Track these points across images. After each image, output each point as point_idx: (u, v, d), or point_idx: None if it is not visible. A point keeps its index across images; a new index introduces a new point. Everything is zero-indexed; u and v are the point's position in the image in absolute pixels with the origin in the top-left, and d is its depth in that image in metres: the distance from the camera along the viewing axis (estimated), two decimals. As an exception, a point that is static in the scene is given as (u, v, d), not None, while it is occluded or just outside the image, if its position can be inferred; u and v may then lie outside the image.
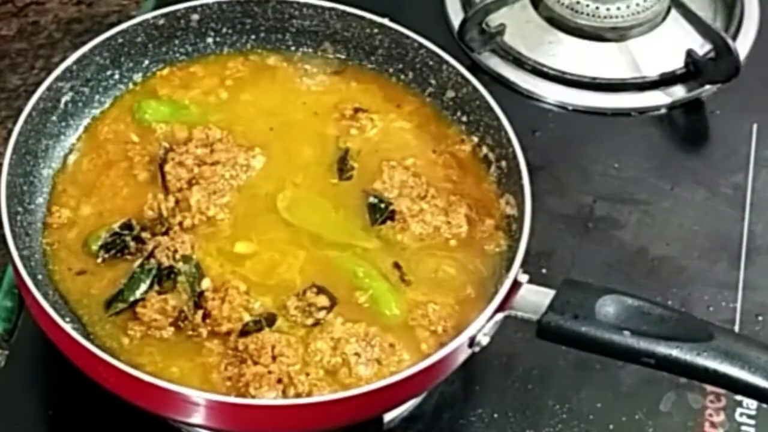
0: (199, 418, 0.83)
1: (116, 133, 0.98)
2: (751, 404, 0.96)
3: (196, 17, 1.01)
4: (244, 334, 0.87)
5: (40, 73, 1.21)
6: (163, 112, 0.99)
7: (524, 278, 0.88)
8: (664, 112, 1.16)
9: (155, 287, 0.89)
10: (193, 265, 0.90)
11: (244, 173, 0.95)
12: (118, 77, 1.00)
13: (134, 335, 0.87)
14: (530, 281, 0.88)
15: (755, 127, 1.14)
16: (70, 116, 0.97)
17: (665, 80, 1.16)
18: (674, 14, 1.19)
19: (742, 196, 1.09)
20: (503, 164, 0.95)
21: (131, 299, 0.89)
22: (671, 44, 1.18)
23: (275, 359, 0.86)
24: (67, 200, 0.94)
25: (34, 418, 0.95)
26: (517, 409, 0.96)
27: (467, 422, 0.95)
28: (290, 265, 0.91)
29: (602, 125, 1.15)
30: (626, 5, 1.18)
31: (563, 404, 0.96)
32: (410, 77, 1.02)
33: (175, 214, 0.92)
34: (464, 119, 0.99)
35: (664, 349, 0.83)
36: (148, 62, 1.01)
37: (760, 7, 1.22)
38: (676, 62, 1.16)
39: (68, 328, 0.83)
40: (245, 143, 0.97)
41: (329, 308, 0.89)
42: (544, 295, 0.87)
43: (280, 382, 0.85)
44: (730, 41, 1.13)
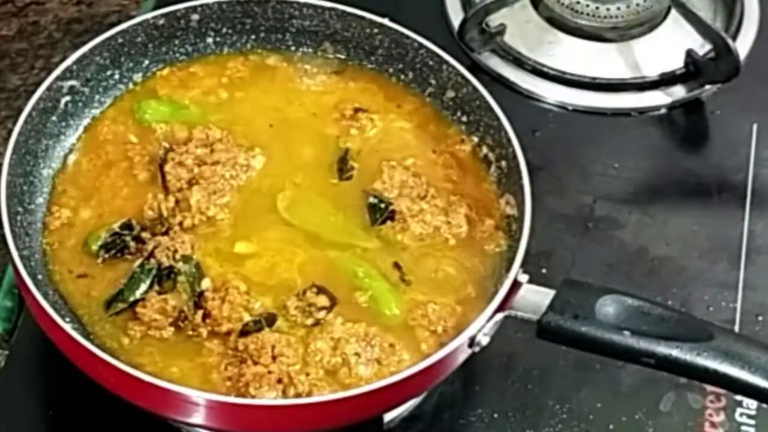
0: (199, 418, 0.83)
1: (116, 133, 0.98)
2: (751, 404, 0.96)
3: (196, 17, 1.01)
4: (244, 334, 0.87)
5: (40, 73, 1.21)
6: (163, 112, 0.99)
7: (524, 278, 0.88)
8: (664, 112, 1.16)
9: (155, 287, 0.89)
10: (193, 265, 0.90)
11: (244, 173, 0.95)
12: (118, 77, 1.00)
13: (134, 335, 0.87)
14: (530, 281, 0.88)
15: (755, 127, 1.14)
16: (70, 116, 0.97)
17: (665, 80, 1.16)
18: (674, 14, 1.19)
19: (742, 196, 1.09)
20: (503, 164, 0.95)
21: (131, 299, 0.89)
22: (671, 44, 1.18)
23: (275, 359, 0.86)
24: (67, 200, 0.94)
25: (34, 418, 0.95)
26: (517, 409, 0.96)
27: (467, 422, 0.95)
28: (290, 265, 0.91)
29: (602, 125, 1.15)
30: (626, 5, 1.18)
31: (563, 404, 0.96)
32: (410, 77, 1.02)
33: (175, 214, 0.92)
34: (464, 119, 0.99)
35: (664, 349, 0.83)
36: (148, 62, 1.01)
37: (760, 7, 1.22)
38: (676, 62, 1.16)
39: (68, 328, 0.83)
40: (245, 143, 0.97)
41: (329, 308, 0.89)
42: (544, 295, 0.87)
43: (280, 382, 0.85)
44: (730, 41, 1.13)
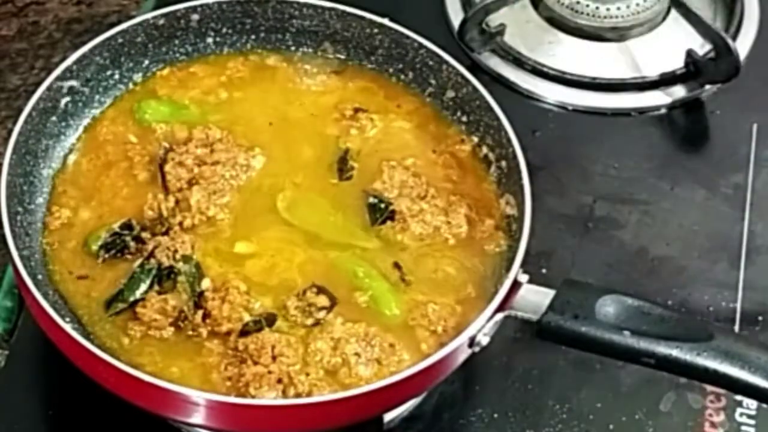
0: (199, 418, 0.83)
1: (116, 133, 0.98)
2: (751, 404, 0.96)
3: (196, 17, 1.01)
4: (244, 334, 0.87)
5: (40, 73, 1.21)
6: (163, 112, 0.99)
7: (524, 278, 0.88)
8: (664, 112, 1.16)
9: (155, 287, 0.89)
10: (193, 265, 0.90)
11: (244, 173, 0.95)
12: (118, 77, 1.00)
13: (134, 335, 0.87)
14: (530, 281, 0.88)
15: (755, 127, 1.14)
16: (70, 116, 0.97)
17: (665, 80, 1.16)
18: (674, 14, 1.19)
19: (742, 196, 1.09)
20: (503, 164, 0.95)
21: (131, 299, 0.89)
22: (671, 44, 1.18)
23: (275, 359, 0.86)
24: (67, 200, 0.94)
25: (34, 418, 0.95)
26: (517, 409, 0.96)
27: (467, 422, 0.95)
28: (290, 265, 0.91)
29: (602, 125, 1.15)
30: (626, 5, 1.18)
31: (563, 404, 0.96)
32: (410, 77, 1.02)
33: (175, 214, 0.92)
34: (464, 119, 0.99)
35: (664, 349, 0.83)
36: (148, 62, 1.01)
37: (760, 7, 1.22)
38: (676, 62, 1.16)
39: (68, 328, 0.83)
40: (245, 143, 0.97)
41: (329, 308, 0.89)
42: (544, 295, 0.87)
43: (280, 382, 0.85)
44: (730, 41, 1.13)
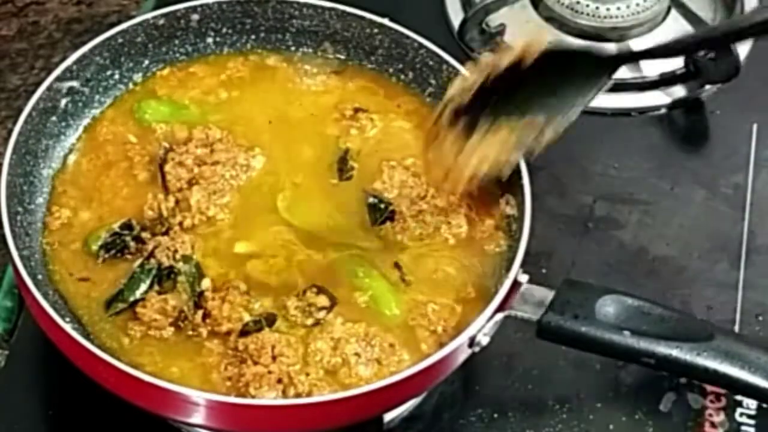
0: (199, 418, 0.83)
1: (116, 133, 0.98)
2: (751, 404, 0.96)
3: (196, 17, 1.01)
4: (244, 334, 0.87)
5: (40, 73, 1.21)
6: (163, 112, 0.99)
7: (524, 278, 0.88)
8: (664, 112, 1.16)
9: (155, 287, 0.89)
10: (193, 265, 0.90)
11: (244, 173, 0.95)
12: (118, 77, 1.00)
13: (134, 335, 0.87)
14: (530, 281, 0.88)
15: (755, 127, 1.14)
16: (70, 116, 0.97)
17: (665, 80, 1.16)
18: (674, 14, 1.19)
19: (742, 196, 1.09)
20: (503, 164, 0.95)
21: (131, 299, 0.89)
22: (671, 44, 1.18)
23: (275, 359, 0.86)
24: (67, 200, 0.94)
25: (34, 418, 0.95)
26: (517, 409, 0.96)
27: (467, 422, 0.95)
28: (290, 265, 0.91)
29: (602, 125, 1.14)
30: (626, 5, 1.18)
31: (563, 404, 0.96)
32: (410, 77, 1.02)
33: (175, 214, 0.92)
34: (464, 119, 0.99)
35: (664, 349, 0.83)
36: (148, 62, 1.01)
37: (760, 7, 1.22)
38: (676, 62, 1.16)
39: (68, 328, 0.83)
40: (245, 143, 0.97)
41: (329, 308, 0.89)
42: (544, 295, 0.87)
43: (280, 382, 0.85)
44: (730, 41, 1.13)
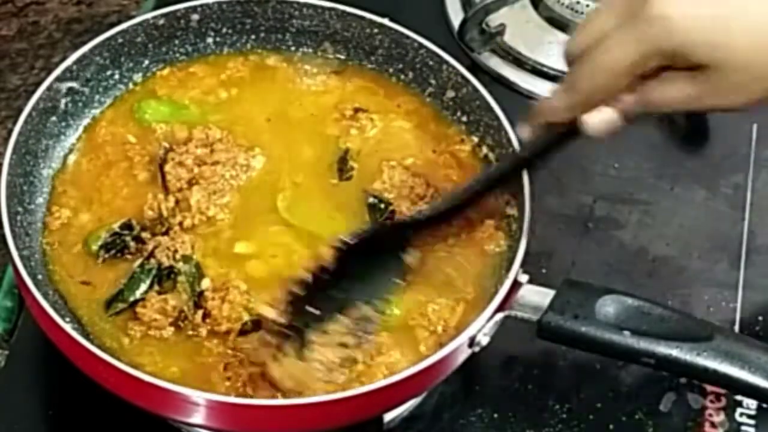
0: (199, 418, 0.83)
1: (116, 133, 0.98)
2: (751, 404, 0.96)
3: (196, 17, 1.01)
4: (243, 333, 0.87)
5: (40, 73, 1.20)
6: (163, 112, 0.99)
7: (524, 278, 0.88)
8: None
9: (155, 287, 0.89)
10: (193, 265, 0.90)
11: (244, 173, 0.95)
12: (118, 77, 1.00)
13: (134, 335, 0.87)
14: (530, 281, 0.88)
15: (755, 127, 1.14)
16: (70, 116, 0.97)
17: (665, 80, 1.16)
18: (674, 14, 1.19)
19: (742, 196, 1.09)
20: (503, 164, 0.95)
21: (131, 299, 0.88)
22: (671, 44, 1.18)
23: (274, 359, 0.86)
24: (67, 200, 0.94)
25: (34, 418, 0.95)
26: (517, 409, 0.96)
27: (467, 422, 0.95)
28: (290, 264, 0.91)
29: (602, 125, 1.14)
30: (626, 5, 1.18)
31: (563, 404, 0.96)
32: (410, 77, 1.02)
33: (175, 214, 0.92)
34: (464, 119, 0.99)
35: (664, 349, 0.83)
36: (148, 62, 1.01)
37: (760, 7, 1.22)
38: (676, 62, 1.16)
39: (68, 328, 0.83)
40: (245, 143, 0.97)
41: None
42: (544, 295, 0.87)
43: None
44: (730, 41, 1.13)
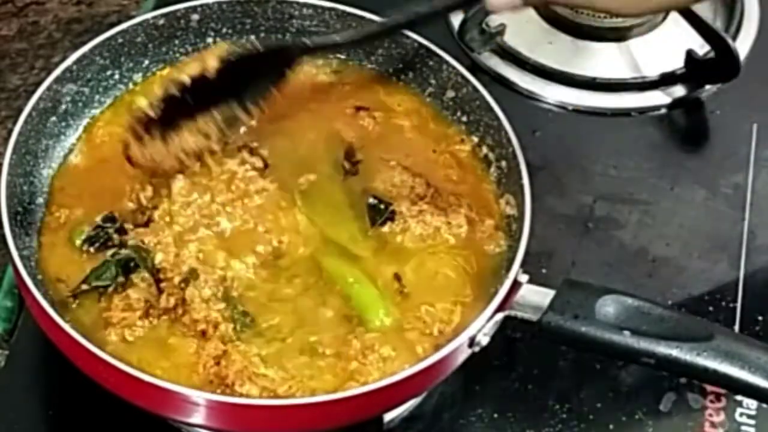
0: (199, 418, 0.83)
1: (114, 132, 0.98)
2: (751, 404, 0.96)
3: (196, 17, 1.01)
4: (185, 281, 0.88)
5: (40, 73, 1.20)
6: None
7: (524, 278, 0.88)
8: (664, 112, 1.16)
9: (120, 277, 0.88)
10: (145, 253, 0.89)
11: (243, 173, 0.95)
12: (118, 77, 1.00)
13: (116, 340, 0.86)
14: (530, 281, 0.88)
15: (755, 127, 1.14)
16: (70, 116, 0.97)
17: (665, 80, 1.16)
18: (674, 14, 1.19)
19: (742, 196, 1.09)
20: (503, 164, 0.95)
21: (94, 284, 0.88)
22: (671, 44, 1.18)
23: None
24: (67, 200, 0.94)
25: (34, 418, 0.95)
26: (517, 409, 0.96)
27: (467, 422, 0.95)
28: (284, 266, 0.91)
29: (602, 125, 1.15)
30: (626, 5, 1.18)
31: (563, 404, 0.96)
32: (410, 77, 1.02)
33: (157, 205, 0.92)
34: (464, 119, 0.99)
35: (664, 349, 0.83)
36: (148, 62, 1.01)
37: (760, 7, 1.22)
38: (676, 62, 1.16)
39: (68, 328, 0.83)
40: (245, 143, 0.97)
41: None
42: (544, 295, 0.87)
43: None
44: (730, 41, 1.13)
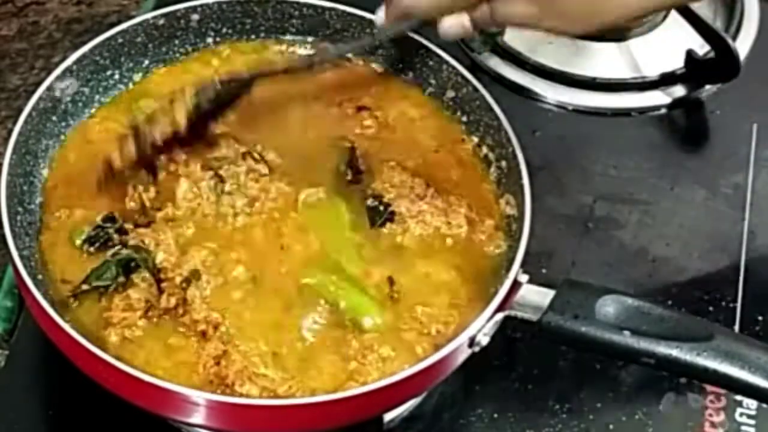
0: (199, 418, 0.83)
1: (111, 129, 0.98)
2: (751, 404, 0.96)
3: (196, 17, 1.01)
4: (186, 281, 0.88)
5: (40, 73, 1.20)
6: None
7: (524, 278, 0.88)
8: (664, 112, 1.16)
9: (120, 277, 0.88)
10: (147, 253, 0.89)
11: (243, 173, 0.95)
12: (118, 77, 1.00)
13: (116, 341, 0.86)
14: (530, 281, 0.88)
15: (755, 127, 1.14)
16: (70, 116, 0.97)
17: (665, 80, 1.16)
18: (674, 14, 1.19)
19: (742, 196, 1.09)
20: (503, 164, 0.95)
21: (94, 284, 0.88)
22: (671, 44, 1.18)
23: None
24: (66, 200, 0.94)
25: (34, 418, 0.95)
26: (517, 409, 0.96)
27: (467, 422, 0.95)
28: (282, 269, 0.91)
29: (602, 125, 1.15)
30: (626, 5, 1.18)
31: (563, 404, 0.96)
32: (410, 77, 1.02)
33: (161, 206, 0.92)
34: (464, 119, 0.99)
35: (664, 349, 0.83)
36: (148, 62, 1.01)
37: (760, 7, 1.22)
38: (676, 62, 1.16)
39: (68, 328, 0.83)
40: (245, 143, 0.97)
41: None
42: (544, 295, 0.87)
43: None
44: (730, 41, 1.13)
